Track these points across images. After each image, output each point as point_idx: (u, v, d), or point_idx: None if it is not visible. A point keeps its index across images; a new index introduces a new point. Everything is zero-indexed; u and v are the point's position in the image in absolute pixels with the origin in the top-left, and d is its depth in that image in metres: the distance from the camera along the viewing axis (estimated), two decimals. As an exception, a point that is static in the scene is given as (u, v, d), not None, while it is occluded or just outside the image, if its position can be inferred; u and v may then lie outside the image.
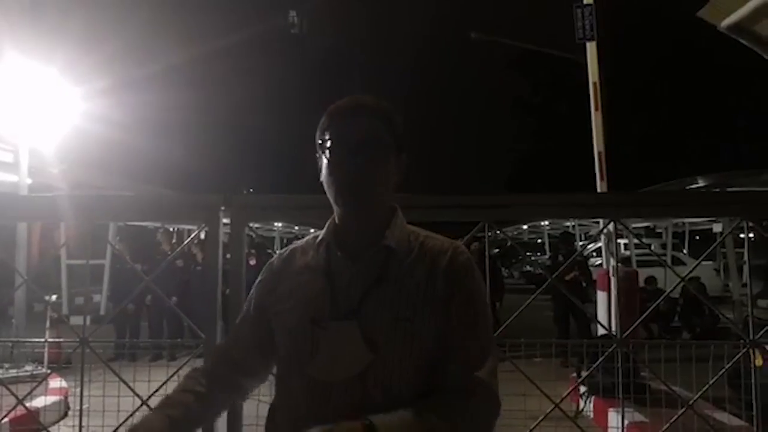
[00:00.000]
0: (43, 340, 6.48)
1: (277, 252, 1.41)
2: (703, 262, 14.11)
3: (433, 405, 1.13)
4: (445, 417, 1.11)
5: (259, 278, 1.37)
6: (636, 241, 13.56)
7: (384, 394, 1.16)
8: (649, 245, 16.47)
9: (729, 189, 8.43)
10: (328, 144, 1.22)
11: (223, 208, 1.92)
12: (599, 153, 7.35)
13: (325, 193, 1.28)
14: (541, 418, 1.85)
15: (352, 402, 1.15)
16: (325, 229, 1.30)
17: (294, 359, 1.22)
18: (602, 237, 7.79)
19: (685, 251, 17.85)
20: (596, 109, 7.49)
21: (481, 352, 1.19)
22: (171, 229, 13.06)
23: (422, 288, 1.21)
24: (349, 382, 1.16)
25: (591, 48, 7.72)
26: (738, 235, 9.70)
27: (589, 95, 7.63)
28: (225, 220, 1.95)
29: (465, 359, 1.18)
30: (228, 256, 1.95)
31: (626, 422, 4.58)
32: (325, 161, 1.23)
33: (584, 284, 8.58)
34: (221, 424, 1.83)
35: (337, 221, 1.29)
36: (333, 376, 1.17)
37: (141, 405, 1.93)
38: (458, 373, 1.17)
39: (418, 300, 1.19)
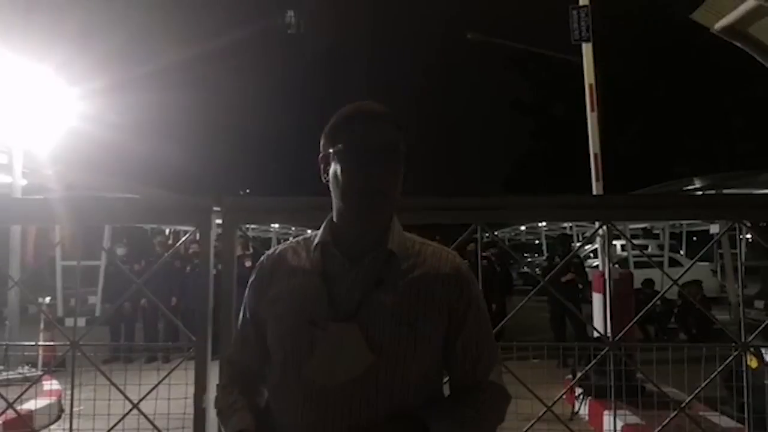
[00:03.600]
0: (34, 343, 6.44)
1: (266, 253, 1.35)
2: (701, 263, 14.12)
3: (467, 401, 1.20)
4: (480, 412, 1.20)
5: (250, 281, 1.32)
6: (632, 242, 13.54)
7: (385, 399, 1.13)
8: (644, 247, 16.49)
9: (725, 190, 8.45)
10: (343, 148, 1.18)
11: (216, 208, 1.90)
12: (595, 155, 7.34)
13: (321, 195, 1.26)
14: (533, 422, 1.84)
15: (351, 406, 1.12)
16: (321, 230, 1.26)
17: (290, 362, 1.18)
18: (597, 239, 7.79)
19: (682, 252, 17.87)
20: (592, 110, 7.48)
21: (494, 357, 1.28)
22: (167, 232, 13.01)
23: (423, 292, 1.19)
24: (349, 385, 1.13)
25: (587, 49, 7.72)
26: (736, 236, 9.71)
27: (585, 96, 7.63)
28: (218, 221, 1.94)
29: (484, 364, 1.24)
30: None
31: (621, 424, 4.58)
32: (339, 165, 1.19)
33: (581, 286, 8.58)
34: (212, 425, 1.82)
35: (336, 222, 1.25)
36: (332, 379, 1.13)
37: (131, 408, 1.92)
38: (477, 376, 1.24)
39: (419, 304, 1.18)
